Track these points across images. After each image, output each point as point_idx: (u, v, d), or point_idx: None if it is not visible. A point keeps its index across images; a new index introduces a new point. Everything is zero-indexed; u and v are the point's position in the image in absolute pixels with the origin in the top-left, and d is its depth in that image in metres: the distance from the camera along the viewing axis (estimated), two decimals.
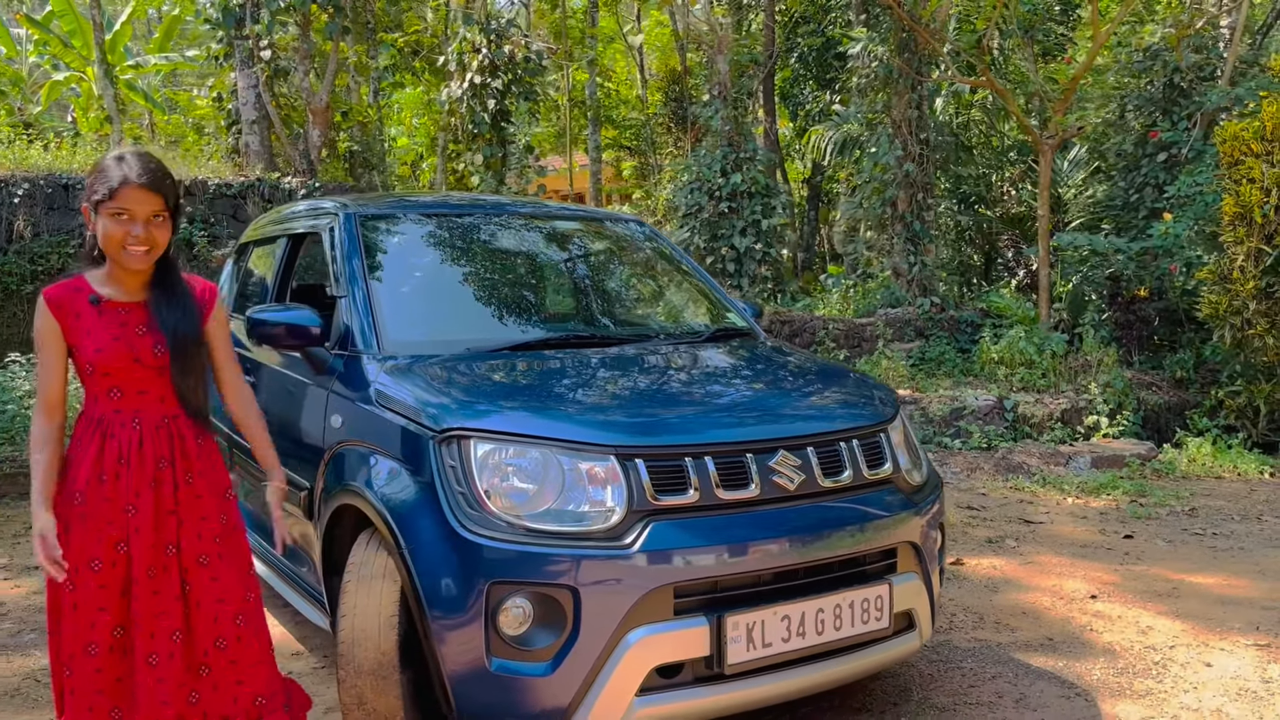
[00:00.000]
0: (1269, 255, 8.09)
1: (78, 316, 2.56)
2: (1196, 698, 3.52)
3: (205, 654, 2.64)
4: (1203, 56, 10.31)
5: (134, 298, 2.61)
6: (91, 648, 2.54)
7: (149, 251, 2.57)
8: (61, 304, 2.56)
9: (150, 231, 2.55)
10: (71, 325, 2.56)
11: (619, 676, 2.69)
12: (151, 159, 2.65)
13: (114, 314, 2.58)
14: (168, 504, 2.60)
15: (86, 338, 2.55)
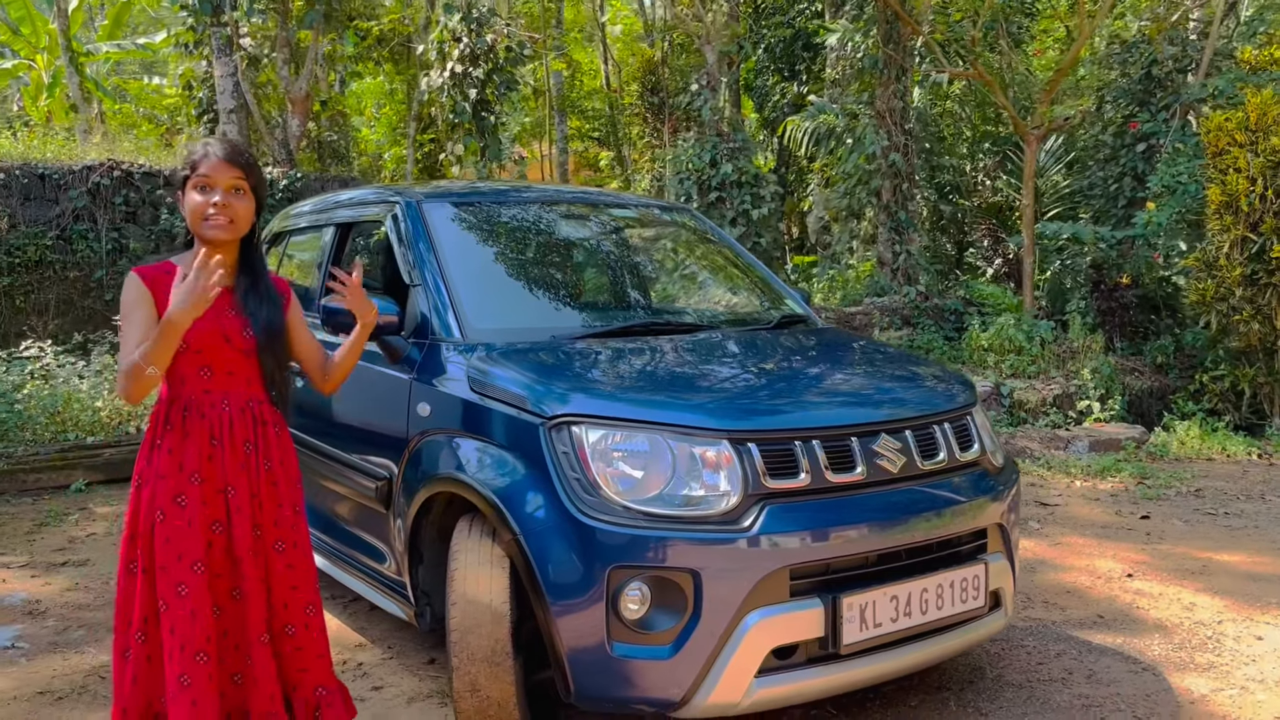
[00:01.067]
0: (1254, 243, 8.32)
1: (169, 295, 2.51)
2: (1259, 669, 3.64)
3: (289, 624, 2.65)
4: (1179, 49, 10.55)
5: (222, 282, 2.59)
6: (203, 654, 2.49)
7: (231, 224, 2.59)
8: (155, 280, 2.58)
9: (230, 202, 2.58)
10: (163, 301, 2.53)
11: (739, 658, 2.72)
12: (232, 139, 2.71)
13: None
14: (254, 486, 2.62)
15: None
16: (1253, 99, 8.39)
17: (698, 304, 4.11)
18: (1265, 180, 8.25)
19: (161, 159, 12.26)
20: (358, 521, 3.78)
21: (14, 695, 3.62)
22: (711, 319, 3.93)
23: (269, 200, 11.41)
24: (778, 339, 3.71)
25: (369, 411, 3.66)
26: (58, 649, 4.08)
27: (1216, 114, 8.72)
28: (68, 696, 3.60)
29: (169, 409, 2.59)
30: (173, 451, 2.54)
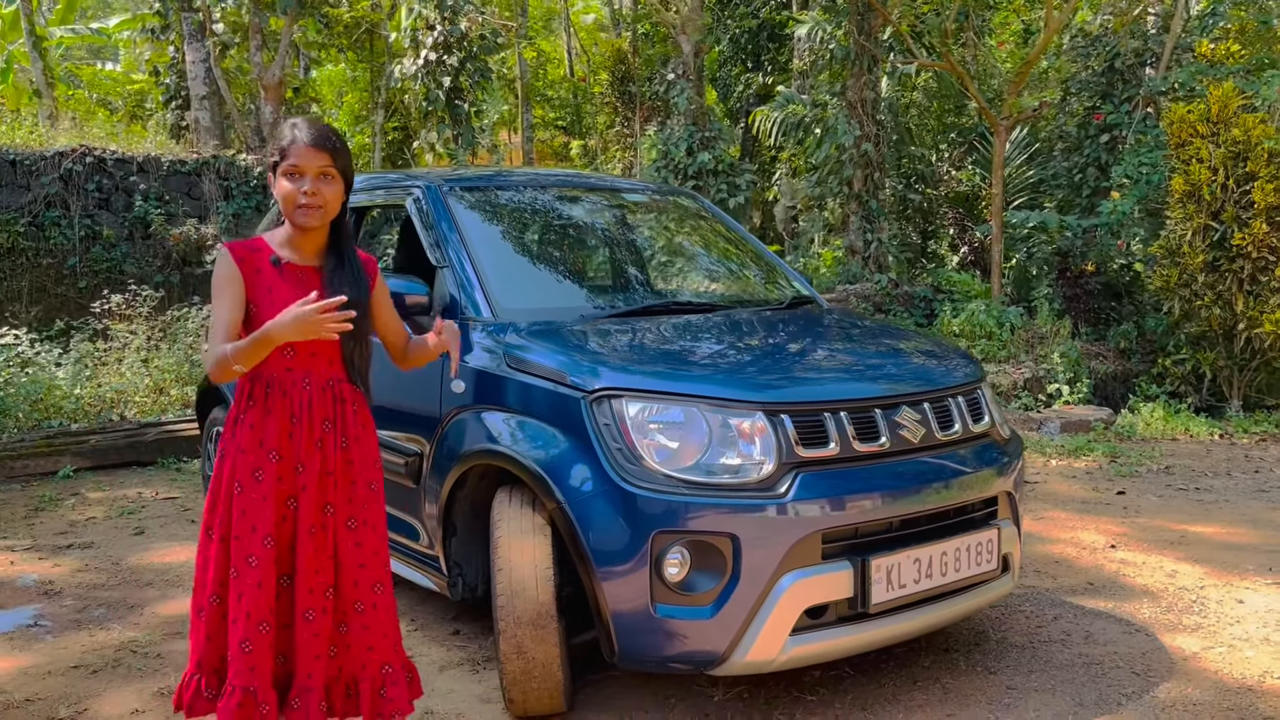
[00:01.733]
0: (1215, 231, 8.63)
1: (258, 273, 2.62)
2: (1244, 629, 3.86)
3: (344, 615, 2.70)
4: (1140, 42, 10.85)
5: (310, 262, 2.68)
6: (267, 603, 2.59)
7: (321, 209, 2.62)
8: (245, 258, 2.62)
9: (319, 188, 2.60)
10: (253, 280, 2.60)
11: (775, 618, 2.87)
12: (320, 122, 2.73)
13: (294, 275, 2.65)
14: (329, 464, 2.65)
15: (268, 295, 2.60)
16: (1214, 92, 8.69)
17: (712, 285, 4.25)
18: (1226, 170, 8.55)
19: (133, 145, 12.17)
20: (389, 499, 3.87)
21: (48, 670, 3.68)
22: (728, 299, 4.08)
23: (248, 188, 11.39)
24: (794, 318, 3.87)
25: (398, 391, 3.76)
26: (82, 626, 4.14)
27: (1179, 106, 9.01)
28: (102, 670, 3.68)
29: (253, 386, 2.64)
30: (254, 427, 2.60)
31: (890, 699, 3.30)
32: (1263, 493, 6.13)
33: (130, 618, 4.23)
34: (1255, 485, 6.34)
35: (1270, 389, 9.03)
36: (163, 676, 3.60)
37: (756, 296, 4.17)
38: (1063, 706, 3.22)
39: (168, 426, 7.89)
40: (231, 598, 2.60)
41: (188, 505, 6.19)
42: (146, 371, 8.72)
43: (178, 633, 4.03)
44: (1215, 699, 3.27)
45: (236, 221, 11.30)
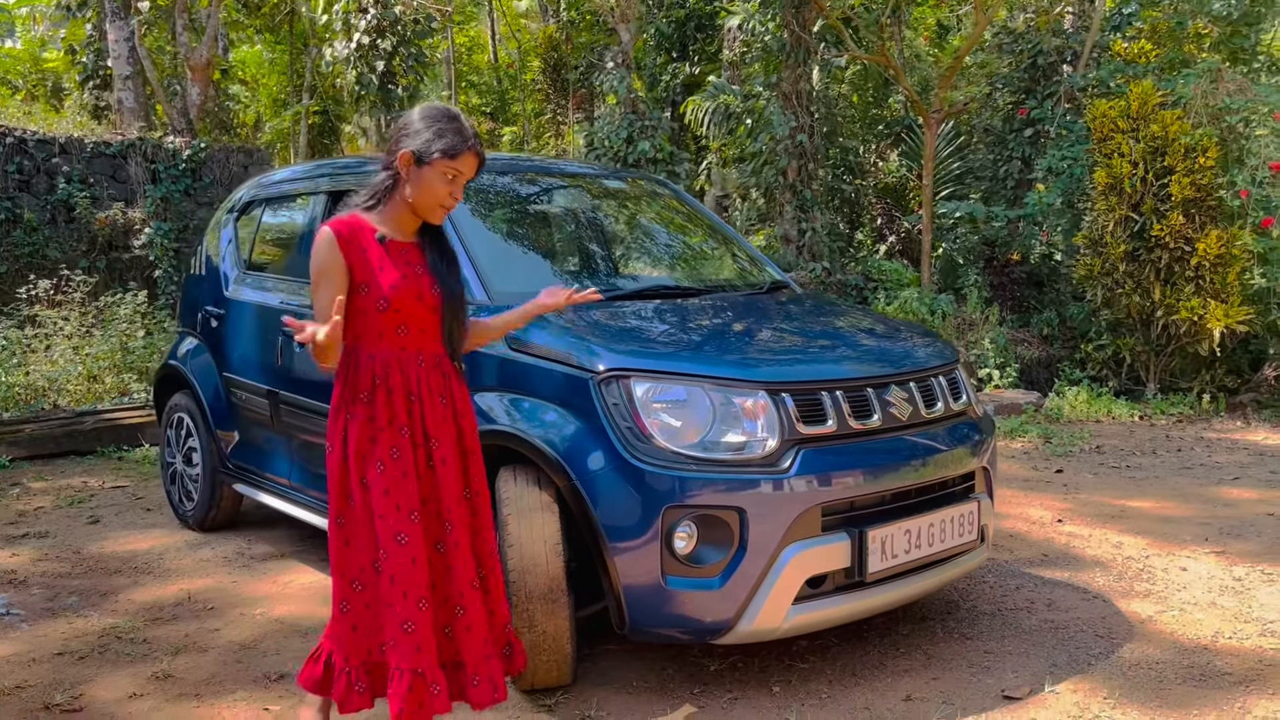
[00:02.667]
0: (1136, 222, 9.03)
1: (365, 251, 2.59)
2: (1191, 594, 4.12)
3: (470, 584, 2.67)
4: (1062, 41, 11.26)
5: (410, 239, 2.69)
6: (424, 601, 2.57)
7: (451, 209, 2.68)
8: (350, 239, 2.58)
9: (460, 193, 2.66)
10: (359, 260, 2.58)
11: (779, 588, 3.00)
12: (472, 123, 2.73)
13: (399, 253, 2.64)
14: (452, 436, 2.67)
15: (380, 274, 2.58)
16: (1135, 89, 9.08)
17: (695, 269, 4.36)
18: (1146, 164, 8.95)
19: (50, 125, 11.80)
20: None
21: (31, 658, 3.64)
22: (713, 283, 4.19)
23: (176, 171, 11.13)
24: (777, 301, 4.00)
25: None
26: (56, 614, 4.08)
27: (1101, 102, 9.39)
28: (89, 656, 3.64)
29: (368, 364, 2.61)
30: (377, 406, 2.59)
31: (876, 665, 3.46)
32: (1187, 470, 6.49)
33: (106, 605, 4.18)
34: (1180, 463, 6.69)
35: (1184, 373, 9.49)
36: (154, 661, 3.58)
37: (737, 281, 4.29)
38: (1038, 667, 3.42)
39: (105, 415, 7.72)
40: (384, 581, 2.56)
41: (139, 494, 6.09)
42: (79, 359, 8.51)
43: (159, 619, 4.01)
44: (1175, 658, 3.50)
45: (165, 205, 11.05)
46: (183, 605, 4.15)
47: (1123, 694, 3.21)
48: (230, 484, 4.93)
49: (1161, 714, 3.08)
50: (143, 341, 8.82)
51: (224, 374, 4.86)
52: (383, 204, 2.65)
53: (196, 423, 5.07)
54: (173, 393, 5.36)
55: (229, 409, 4.85)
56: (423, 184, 2.59)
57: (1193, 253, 8.88)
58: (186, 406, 5.16)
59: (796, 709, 3.14)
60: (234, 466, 4.87)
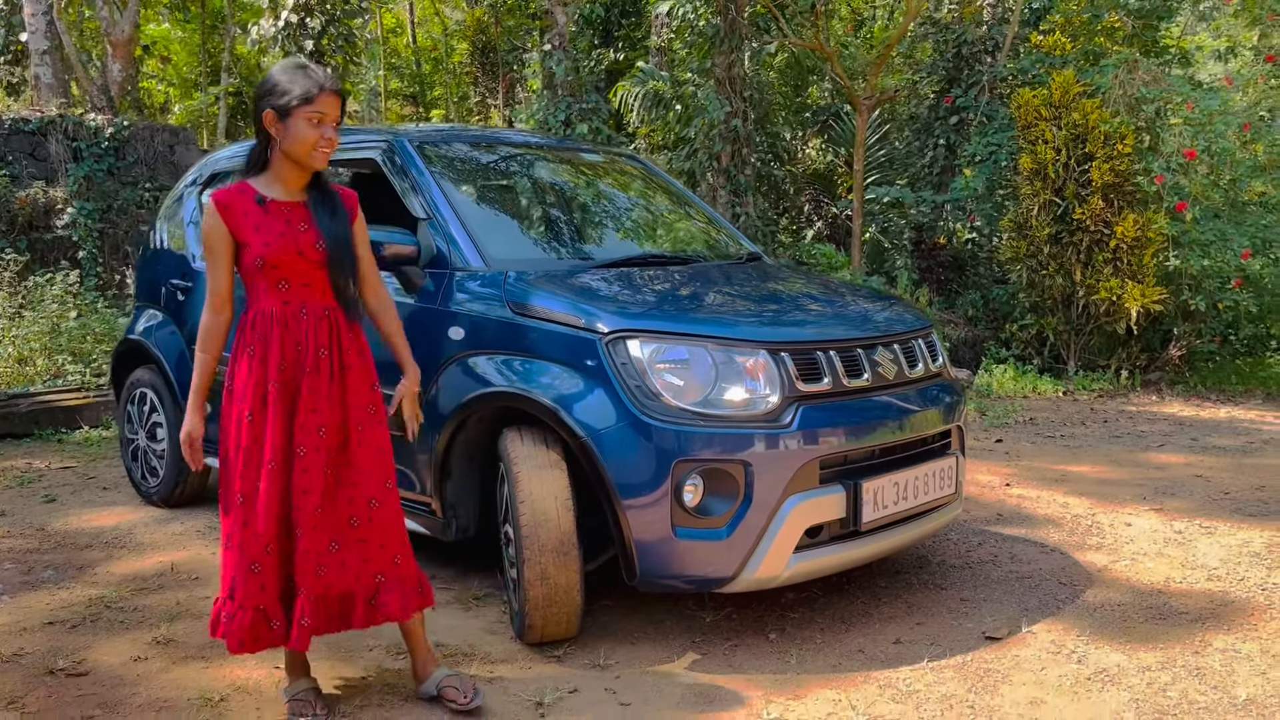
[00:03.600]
0: (1059, 206, 9.43)
1: (245, 215, 2.75)
2: (1139, 546, 4.40)
3: (338, 532, 2.79)
4: (985, 32, 11.66)
5: (295, 198, 2.82)
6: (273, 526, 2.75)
7: (331, 152, 2.78)
8: (230, 206, 2.75)
9: (334, 135, 2.78)
10: (239, 224, 2.74)
11: (781, 537, 3.15)
12: (326, 69, 2.88)
13: (279, 212, 2.78)
14: (322, 389, 2.78)
15: (255, 234, 2.74)
16: (1057, 78, 9.47)
17: (677, 240, 4.47)
18: (1068, 151, 9.35)
19: None
20: None
21: (21, 627, 3.60)
22: (696, 253, 4.32)
23: (99, 150, 10.84)
24: (759, 269, 4.15)
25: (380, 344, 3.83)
26: (35, 587, 4.03)
27: (1025, 91, 9.76)
28: (81, 625, 3.62)
29: (253, 321, 2.78)
30: (259, 358, 2.75)
31: (863, 613, 3.64)
32: (1116, 439, 6.85)
33: (85, 578, 4.14)
34: (1108, 433, 7.06)
35: (1102, 351, 9.94)
36: (151, 628, 3.58)
37: (717, 251, 4.43)
38: (1013, 612, 3.64)
39: (40, 397, 7.53)
40: (237, 523, 2.74)
41: (90, 474, 5.99)
42: (9, 341, 8.27)
43: (144, 589, 3.99)
44: (1134, 600, 3.75)
45: (88, 185, 10.75)
46: (166, 576, 4.14)
47: (1093, 632, 3.45)
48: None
49: (1130, 647, 3.31)
50: (75, 323, 8.60)
51: (193, 347, 4.81)
52: (266, 168, 2.80)
53: (162, 397, 5.01)
54: (132, 368, 5.30)
55: None
56: (291, 134, 2.72)
57: (1111, 236, 9.30)
58: (150, 381, 5.10)
59: (795, 652, 3.29)
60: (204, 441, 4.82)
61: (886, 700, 2.96)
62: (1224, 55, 12.92)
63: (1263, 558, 4.23)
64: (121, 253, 10.93)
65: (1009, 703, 2.95)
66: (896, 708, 2.92)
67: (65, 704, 3.00)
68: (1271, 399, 8.98)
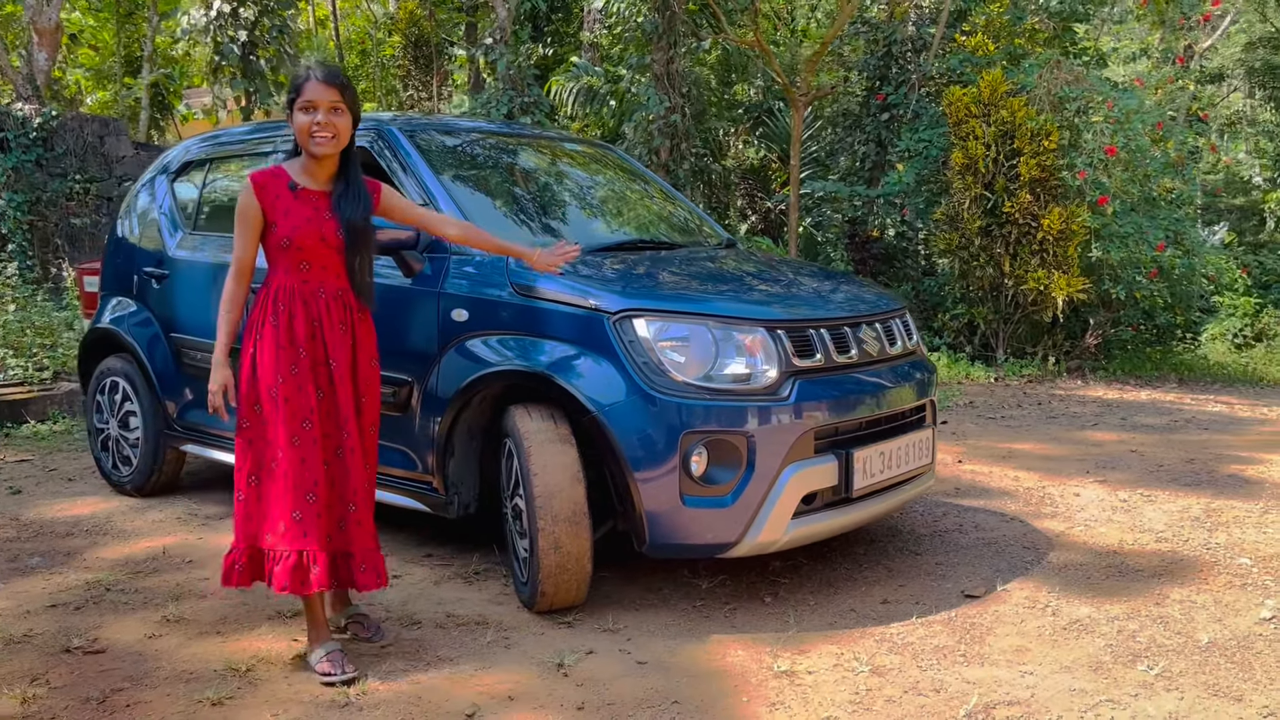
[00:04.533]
0: (989, 199, 9.83)
1: (277, 198, 3.00)
2: (1090, 514, 4.70)
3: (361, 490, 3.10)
4: (914, 31, 12.05)
5: (323, 187, 3.07)
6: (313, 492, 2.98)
7: (333, 138, 2.98)
8: (265, 186, 3.01)
9: (331, 120, 2.97)
10: (271, 204, 2.99)
11: (780, 504, 3.34)
12: (329, 63, 3.17)
13: (308, 199, 3.03)
14: (346, 361, 3.07)
15: (285, 217, 2.99)
16: (986, 77, 9.87)
17: (661, 227, 4.62)
18: (997, 146, 9.75)
19: None
20: None
21: (25, 610, 3.61)
22: (680, 239, 4.49)
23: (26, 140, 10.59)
24: (743, 255, 4.33)
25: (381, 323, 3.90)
26: (26, 573, 4.03)
27: (956, 89, 10.15)
28: (85, 607, 3.65)
29: (276, 295, 3.02)
30: (282, 329, 2.98)
31: (847, 578, 3.86)
32: (1053, 419, 7.22)
33: (75, 563, 4.14)
34: (1044, 414, 7.43)
35: (1029, 338, 10.39)
36: (157, 607, 3.62)
37: (698, 237, 4.61)
38: (987, 573, 3.89)
39: None
40: (278, 475, 2.97)
41: (50, 466, 5.92)
42: None
43: (140, 572, 4.02)
44: (1093, 561, 4.04)
45: (16, 176, 10.49)
46: (158, 560, 4.16)
47: (1062, 589, 3.71)
48: (178, 445, 4.92)
49: (1097, 601, 3.58)
50: (15, 315, 8.42)
51: (171, 334, 4.83)
52: (297, 157, 3.09)
53: (136, 385, 5.01)
54: (102, 357, 5.27)
55: (177, 369, 4.83)
56: (295, 125, 3.00)
57: (1038, 228, 9.71)
58: (123, 370, 5.09)
59: (792, 614, 3.49)
60: (183, 427, 4.85)
61: (885, 653, 3.17)
62: (1135, 57, 13.54)
63: (1202, 521, 4.56)
64: (52, 245, 10.69)
65: (996, 651, 3.18)
66: (896, 658, 3.13)
67: (89, 679, 3.05)
68: (1184, 383, 9.51)
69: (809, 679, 3.00)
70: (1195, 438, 6.51)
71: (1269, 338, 14.13)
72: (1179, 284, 10.53)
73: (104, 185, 11.18)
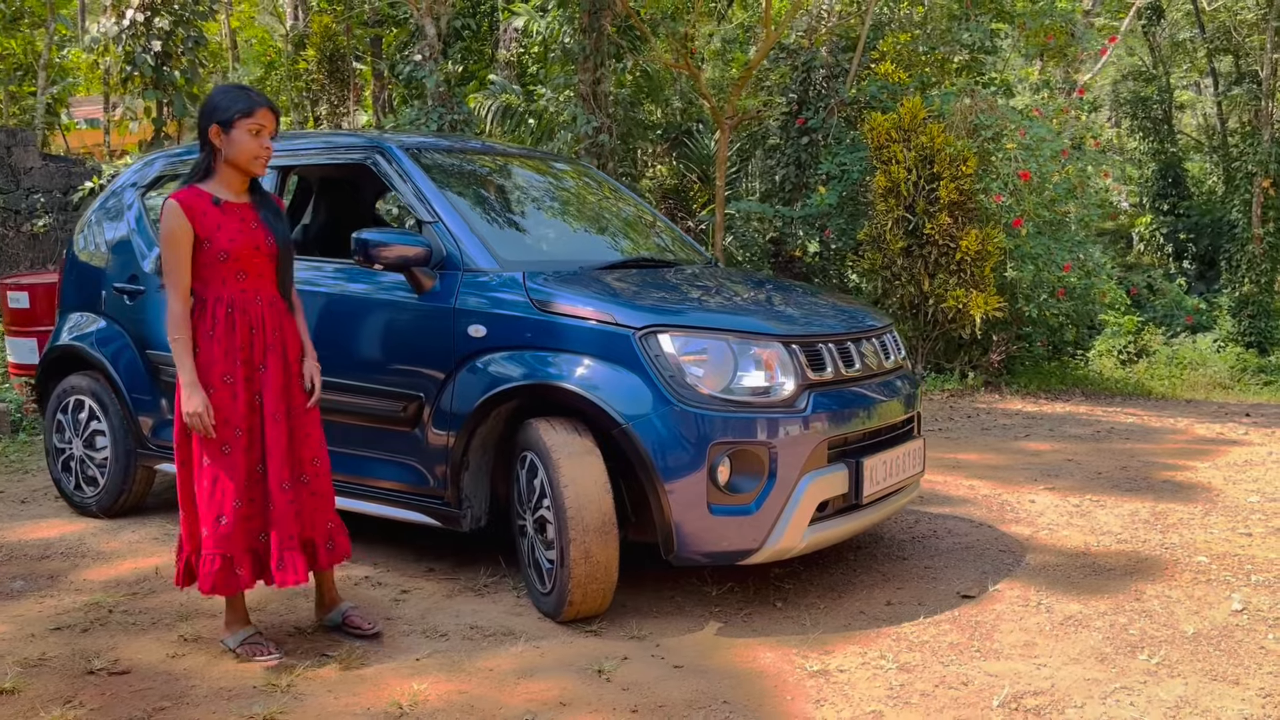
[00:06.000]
0: (910, 221, 10.24)
1: (205, 214, 3.18)
2: (1050, 519, 4.99)
3: (303, 474, 3.32)
4: (833, 59, 12.47)
5: (241, 199, 3.29)
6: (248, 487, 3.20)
7: (267, 159, 3.27)
8: (192, 206, 3.18)
9: (270, 144, 3.26)
10: (201, 221, 3.17)
11: (799, 512, 3.49)
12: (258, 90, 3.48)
13: (233, 212, 3.24)
14: (279, 364, 3.27)
15: (219, 231, 3.18)
16: (906, 104, 10.29)
17: (653, 244, 4.74)
18: (918, 170, 10.17)
19: None
20: (370, 446, 4.03)
21: (29, 634, 3.52)
22: (674, 257, 4.61)
23: None
24: (735, 272, 4.50)
25: (389, 340, 3.95)
26: (15, 597, 3.91)
27: (877, 114, 10.55)
28: (93, 629, 3.57)
29: (214, 307, 3.20)
30: (219, 340, 3.18)
31: (846, 582, 4.03)
32: (986, 431, 7.57)
33: (63, 586, 4.04)
34: (977, 426, 7.78)
35: (948, 355, 10.83)
36: (168, 628, 3.57)
37: (688, 255, 4.75)
38: (975, 575, 4.11)
39: None
40: (206, 482, 3.18)
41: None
42: None
43: (136, 593, 3.94)
44: (1067, 561, 4.30)
45: None
46: (151, 580, 4.08)
47: (1048, 588, 3.95)
48: (153, 464, 4.82)
49: (1083, 599, 3.83)
50: None
51: (147, 351, 4.73)
52: (211, 174, 3.24)
53: (105, 404, 4.89)
54: (63, 375, 5.13)
55: (152, 386, 4.73)
56: (234, 145, 3.19)
57: (957, 249, 10.16)
58: (89, 388, 4.96)
59: (806, 617, 3.64)
60: (158, 446, 4.76)
61: (904, 650, 3.35)
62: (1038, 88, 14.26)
63: (1153, 524, 4.89)
64: None
65: (1007, 645, 3.39)
66: (917, 655, 3.30)
67: (124, 699, 3.00)
68: (1090, 396, 10.05)
69: (842, 677, 3.15)
70: (1121, 447, 6.92)
71: (1149, 354, 15.03)
72: (1080, 303, 11.14)
73: (11, 198, 10.75)
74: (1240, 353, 16.50)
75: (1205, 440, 7.21)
